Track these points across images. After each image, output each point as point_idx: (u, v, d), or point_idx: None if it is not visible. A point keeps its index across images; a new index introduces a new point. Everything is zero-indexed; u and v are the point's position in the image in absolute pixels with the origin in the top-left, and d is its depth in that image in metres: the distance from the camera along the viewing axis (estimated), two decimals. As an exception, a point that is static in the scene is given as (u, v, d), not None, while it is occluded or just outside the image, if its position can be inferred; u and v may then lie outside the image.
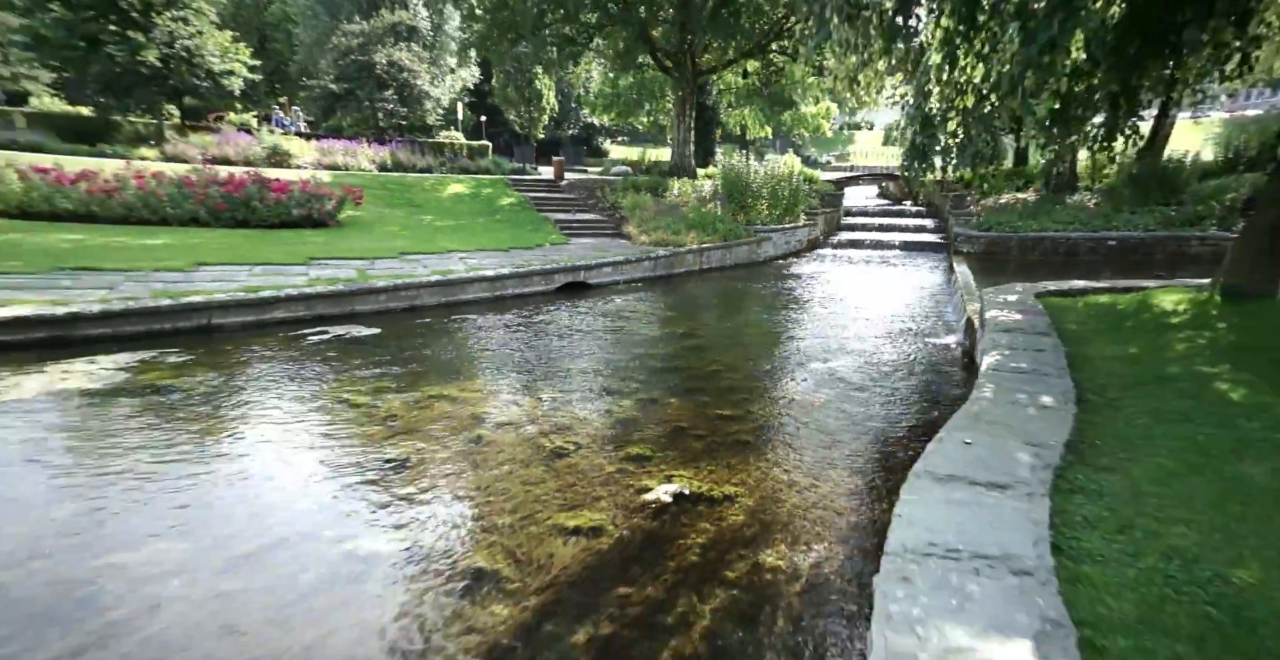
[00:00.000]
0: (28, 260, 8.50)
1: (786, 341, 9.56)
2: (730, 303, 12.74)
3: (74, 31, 16.91)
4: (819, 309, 11.74)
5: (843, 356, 8.32)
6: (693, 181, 21.22)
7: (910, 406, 6.35)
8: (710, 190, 20.48)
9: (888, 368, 7.70)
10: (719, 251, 16.21)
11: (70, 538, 3.75)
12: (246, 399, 5.97)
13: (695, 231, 16.46)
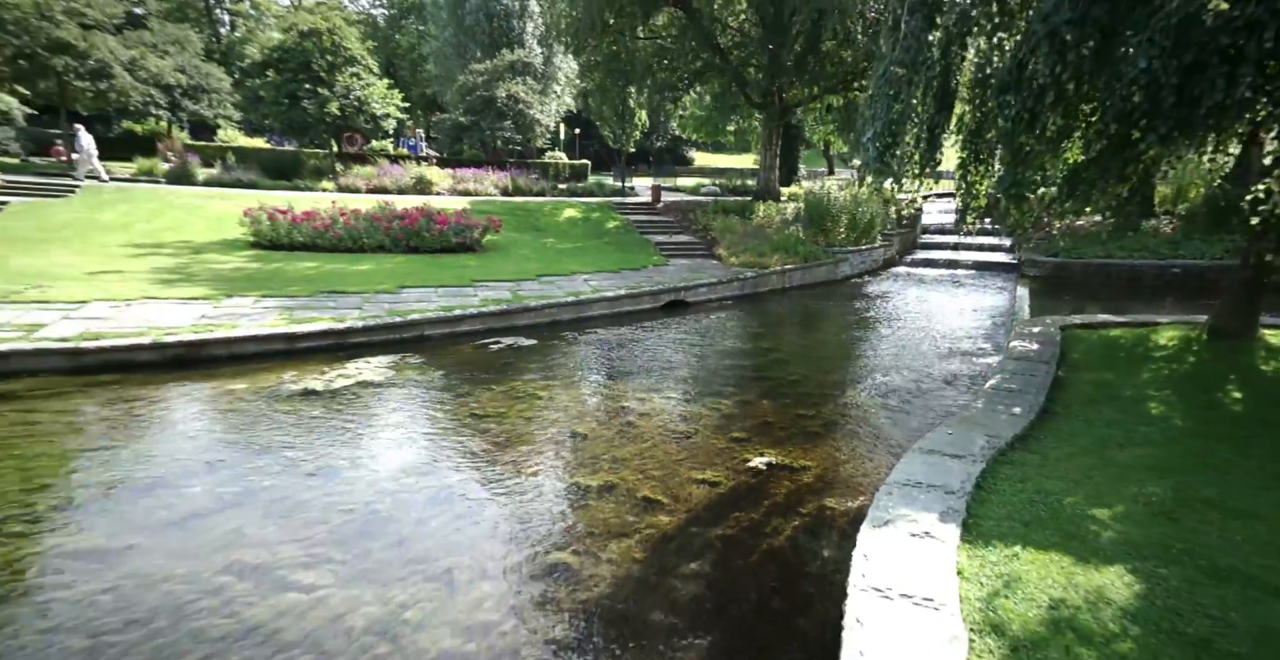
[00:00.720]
0: (300, 286, 11.83)
1: (853, 357, 11.62)
2: (808, 321, 14.79)
3: (281, 91, 21.06)
4: (884, 328, 13.61)
5: (899, 371, 10.30)
6: (777, 204, 23.18)
7: (940, 413, 8.33)
8: (793, 213, 22.40)
9: (932, 383, 9.64)
10: (800, 272, 18.21)
11: (414, 474, 6.51)
12: (466, 390, 8.76)
13: (779, 254, 18.52)
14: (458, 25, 32.00)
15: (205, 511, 5.35)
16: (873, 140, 6.56)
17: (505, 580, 4.70)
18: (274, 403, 7.72)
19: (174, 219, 15.98)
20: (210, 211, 16.93)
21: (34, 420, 6.84)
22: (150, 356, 8.49)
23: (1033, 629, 3.08)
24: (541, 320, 12.46)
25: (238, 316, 9.82)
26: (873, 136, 6.57)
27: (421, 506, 5.66)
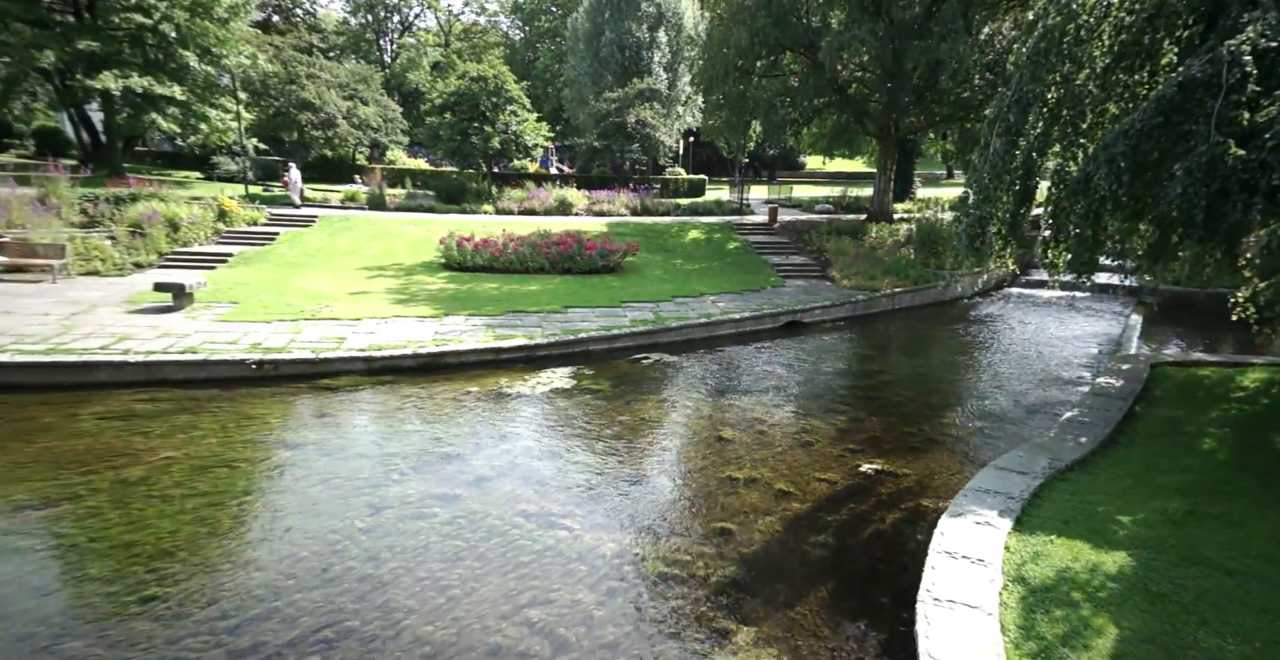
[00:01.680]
0: (492, 306, 14.93)
1: (955, 381, 13.04)
2: (915, 343, 16.13)
3: (455, 129, 24.94)
4: (987, 353, 14.76)
5: (995, 397, 11.68)
6: (890, 225, 24.18)
7: (1022, 438, 9.74)
8: (905, 234, 23.35)
9: (1023, 410, 10.97)
10: (910, 294, 19.37)
11: (612, 462, 9.00)
12: (632, 398, 11.22)
13: (889, 277, 19.76)
14: (594, 57, 35.16)
15: (488, 477, 8.08)
16: (964, 231, 8.19)
17: (689, 536, 7.00)
18: (500, 402, 10.56)
19: (385, 244, 19.91)
20: (409, 236, 20.80)
21: (358, 406, 10.04)
22: (410, 363, 11.67)
23: (1045, 580, 4.93)
24: (679, 338, 14.79)
25: (459, 333, 12.92)
26: (965, 228, 8.20)
27: (624, 484, 8.11)
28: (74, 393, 9.49)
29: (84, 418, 8.71)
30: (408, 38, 55.89)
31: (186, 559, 6.01)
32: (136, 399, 9.51)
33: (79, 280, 14.56)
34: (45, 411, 8.84)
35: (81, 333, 10.87)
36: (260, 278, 15.84)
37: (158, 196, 19.20)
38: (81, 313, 11.98)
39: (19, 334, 10.51)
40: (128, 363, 9.92)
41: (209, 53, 26.58)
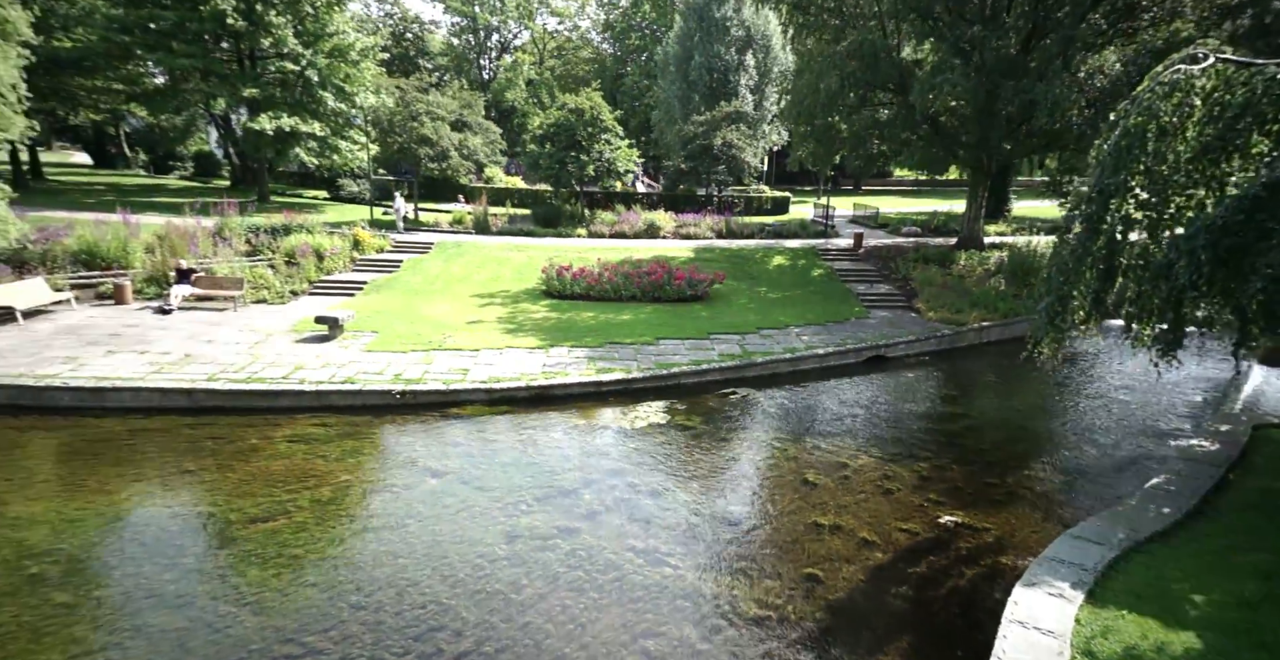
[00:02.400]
0: (591, 337, 16.21)
1: (1042, 427, 13.08)
2: (1002, 382, 16.07)
3: (553, 158, 26.64)
4: (1079, 397, 14.57)
5: (1084, 448, 11.72)
6: (980, 253, 23.72)
7: (1107, 499, 9.84)
8: (995, 263, 22.86)
9: (1111, 466, 11.00)
10: (998, 328, 19.12)
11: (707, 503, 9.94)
12: (724, 437, 12.09)
13: (977, 310, 19.55)
14: (683, 80, 36.14)
15: (599, 512, 9.22)
16: (1045, 309, 8.49)
17: (780, 580, 7.84)
18: (604, 437, 11.73)
19: (493, 271, 21.73)
20: (513, 262, 22.56)
21: (485, 436, 11.48)
22: (524, 394, 13.07)
23: (1112, 655, 5.45)
24: (765, 372, 15.51)
25: (564, 365, 14.24)
26: (1045, 307, 8.49)
27: (720, 525, 9.03)
28: (265, 415, 11.45)
29: (279, 440, 10.58)
30: (505, 58, 58.94)
31: (373, 574, 7.46)
32: (312, 423, 11.36)
33: (252, 308, 17.04)
34: (249, 433, 10.78)
35: (265, 361, 12.96)
36: (391, 305, 17.86)
37: (306, 228, 21.86)
38: (261, 343, 14.18)
39: (224, 363, 12.69)
40: (304, 391, 11.83)
41: (343, 92, 29.67)
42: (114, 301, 16.31)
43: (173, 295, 16.14)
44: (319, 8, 28.45)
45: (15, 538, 7.59)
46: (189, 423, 11.04)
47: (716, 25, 34.65)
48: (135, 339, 13.80)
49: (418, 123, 25.54)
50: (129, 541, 7.70)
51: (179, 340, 13.95)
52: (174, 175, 47.47)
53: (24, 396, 11.01)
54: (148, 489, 8.98)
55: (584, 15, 65.98)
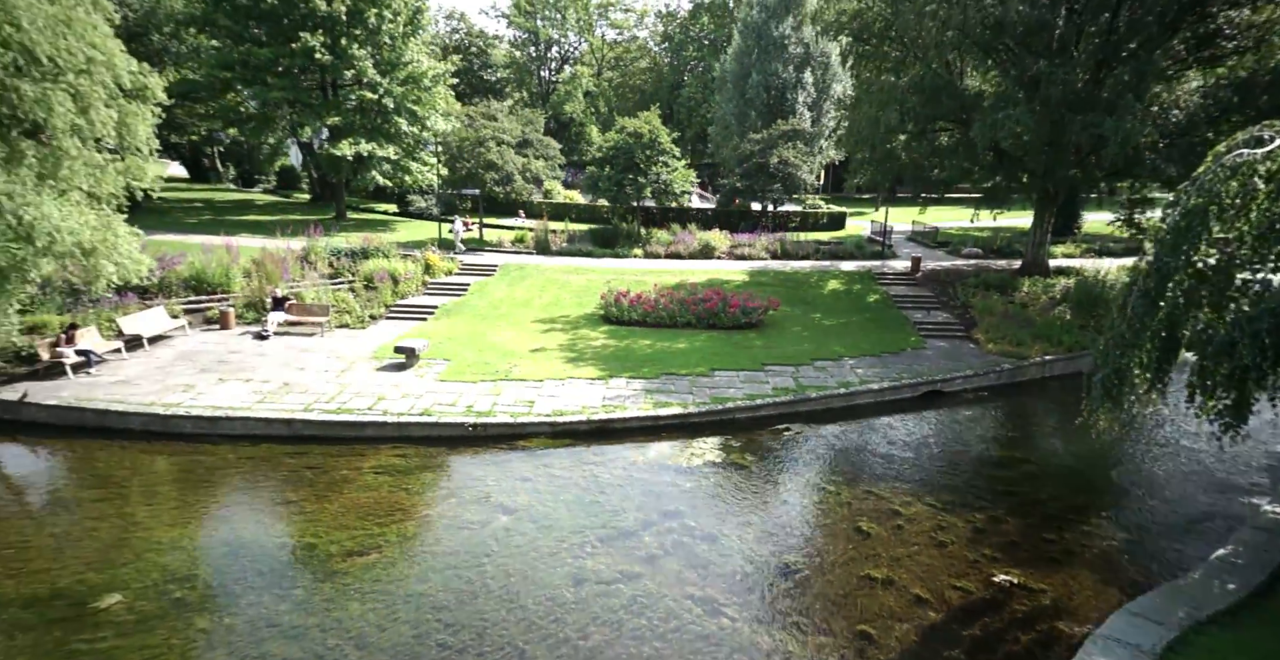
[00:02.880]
0: (649, 367, 16.72)
1: (1105, 476, 12.78)
2: (1065, 424, 15.62)
3: (611, 180, 27.32)
4: (1147, 443, 14.10)
5: (1150, 503, 11.45)
6: (1044, 280, 22.97)
7: (1174, 564, 9.63)
8: (1061, 291, 22.12)
9: (1181, 524, 10.72)
10: (1062, 362, 18.58)
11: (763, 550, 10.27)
12: (777, 478, 12.37)
13: (1040, 343, 19.04)
14: (740, 97, 36.22)
15: (658, 556, 9.70)
16: (1101, 381, 8.42)
17: (833, 637, 8.13)
18: (662, 475, 12.20)
19: (553, 295, 22.54)
20: (573, 286, 23.32)
21: (551, 471, 12.14)
22: (585, 428, 13.69)
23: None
24: (819, 407, 15.64)
25: (623, 398, 14.78)
26: (1101, 379, 8.43)
27: (774, 575, 9.37)
28: (353, 445, 12.46)
29: (366, 472, 11.53)
30: (565, 71, 60.18)
31: (456, 614, 8.17)
32: (394, 454, 12.29)
33: (337, 333, 18.34)
34: (340, 463, 11.79)
35: (352, 391, 14.04)
36: (460, 331, 18.85)
37: (382, 251, 23.24)
38: (346, 370, 15.32)
39: (316, 393, 13.85)
40: (386, 422, 12.79)
41: (415, 117, 31.20)
42: (219, 326, 17.86)
43: (269, 322, 17.55)
44: (396, 38, 30.00)
45: (161, 563, 8.67)
46: (289, 451, 12.14)
47: (774, 43, 34.57)
48: (239, 366, 15.15)
49: (484, 148, 26.70)
50: (249, 571, 8.67)
51: (276, 367, 15.23)
52: (259, 188, 50.72)
53: (154, 423, 12.36)
54: (260, 518, 10.01)
55: (643, 26, 66.65)
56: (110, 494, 10.36)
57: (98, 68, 12.63)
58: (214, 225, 29.43)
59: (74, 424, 12.43)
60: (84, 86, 12.37)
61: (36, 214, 11.23)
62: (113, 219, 13.51)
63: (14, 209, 11.20)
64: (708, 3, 57.08)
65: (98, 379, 13.77)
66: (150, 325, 16.14)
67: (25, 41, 11.34)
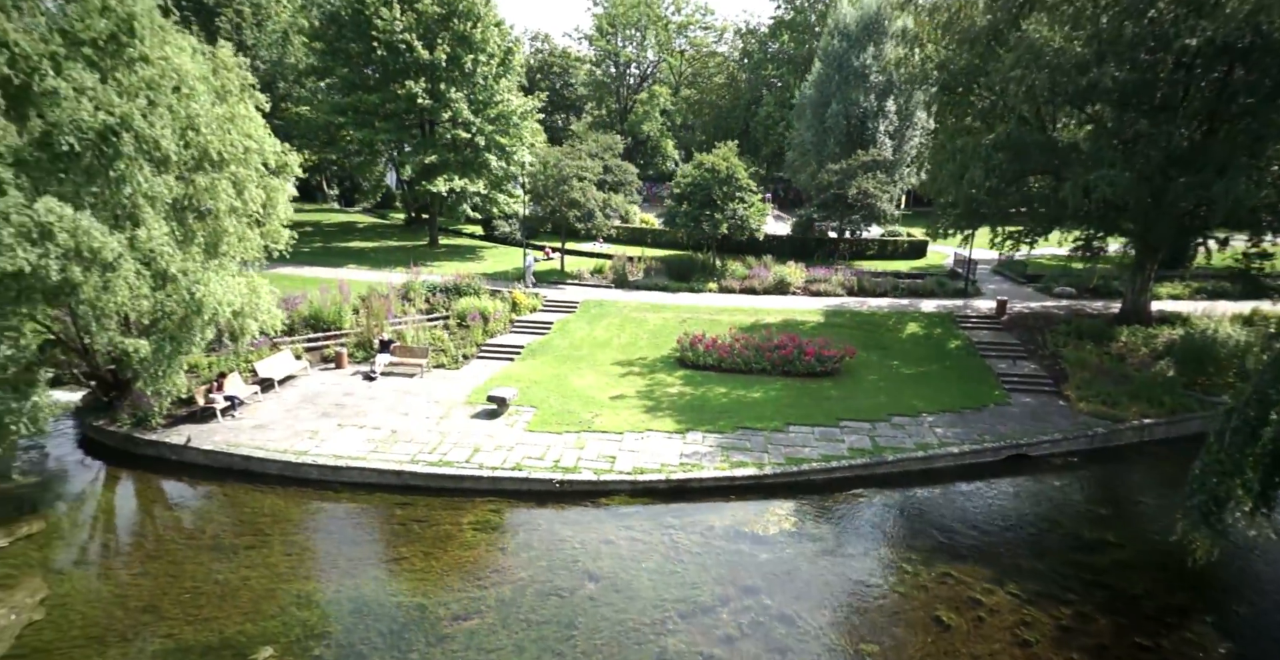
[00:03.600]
0: (724, 419, 17.03)
1: (1212, 570, 11.97)
2: (1162, 500, 14.73)
3: (689, 216, 27.78)
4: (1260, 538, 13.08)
5: (1261, 602, 10.74)
6: (1145, 330, 21.52)
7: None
8: (1164, 344, 20.65)
9: (1293, 643, 10.03)
10: (1164, 426, 17.42)
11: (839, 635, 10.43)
12: (853, 552, 12.41)
13: (1139, 403, 17.90)
14: (819, 125, 35.77)
15: (737, 638, 10.06)
16: (1198, 507, 8.08)
17: (908, 742, 8.27)
18: (738, 543, 12.52)
19: (631, 334, 23.22)
20: (649, 325, 23.92)
21: (632, 534, 12.73)
22: (663, 486, 14.21)
23: None
24: (895, 471, 15.48)
25: (700, 455, 15.19)
26: (1198, 504, 8.08)
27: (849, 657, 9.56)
28: (454, 497, 13.53)
29: (466, 528, 12.52)
30: (643, 92, 61.04)
31: (550, 686, 8.87)
32: (490, 508, 13.25)
33: (434, 374, 19.73)
34: (443, 517, 12.85)
35: (451, 441, 15.18)
36: (544, 374, 19.81)
37: (473, 288, 24.71)
38: (445, 417, 16.54)
39: (420, 442, 15.08)
40: (481, 476, 13.81)
41: (504, 151, 32.79)
42: (335, 365, 19.63)
43: (377, 363, 19.13)
44: (488, 79, 31.63)
45: (301, 618, 9.88)
46: (399, 502, 13.33)
47: (855, 73, 33.90)
48: (354, 410, 16.67)
49: (567, 186, 27.77)
50: (372, 631, 9.72)
51: (384, 412, 16.64)
52: (359, 208, 54.42)
53: (287, 470, 13.91)
54: (377, 574, 11.13)
55: (722, 41, 66.58)
56: (257, 541, 11.79)
57: (252, 155, 14.29)
58: (324, 255, 32.05)
59: (224, 466, 14.15)
60: (241, 173, 14.04)
61: (204, 291, 12.89)
62: (258, 283, 15.22)
63: (188, 285, 12.91)
64: (788, 19, 56.37)
65: (240, 422, 15.55)
66: (279, 368, 17.98)
67: (202, 142, 13.02)
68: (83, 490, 13.76)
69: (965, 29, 18.74)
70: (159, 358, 12.82)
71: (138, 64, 12.27)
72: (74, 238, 10.97)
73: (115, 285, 11.73)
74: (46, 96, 11.08)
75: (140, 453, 14.60)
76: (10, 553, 10.95)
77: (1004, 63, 16.32)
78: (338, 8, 30.05)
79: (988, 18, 17.99)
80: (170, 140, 12.32)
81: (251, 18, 34.48)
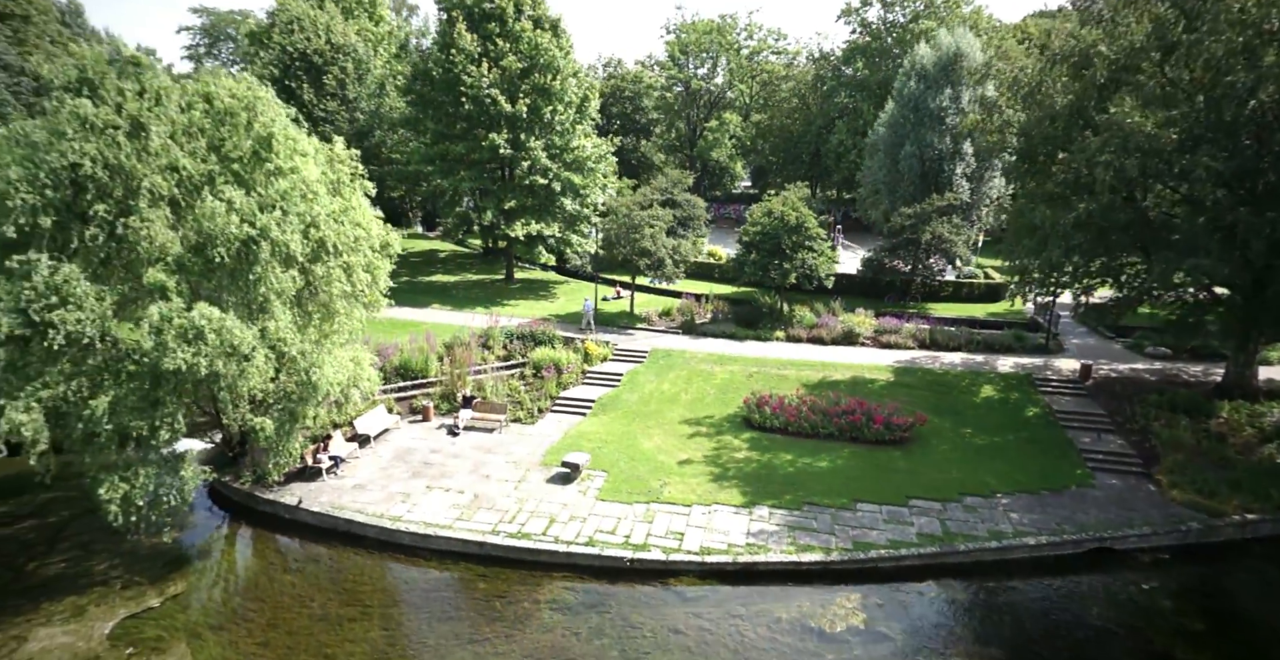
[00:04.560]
0: (790, 493, 17.09)
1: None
2: (1269, 612, 13.69)
3: (757, 265, 27.89)
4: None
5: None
6: (1250, 406, 19.95)
7: None
8: (1273, 425, 19.09)
9: None
10: (1270, 523, 16.12)
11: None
12: (922, 655, 12.30)
13: (1242, 494, 16.63)
14: (892, 165, 35.01)
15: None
16: None
17: None
18: (805, 641, 12.63)
19: (698, 389, 23.56)
20: (716, 380, 24.19)
21: (701, 622, 13.08)
22: (731, 568, 14.49)
23: None
24: (967, 560, 15.11)
25: (767, 534, 15.36)
26: None
27: None
28: (531, 570, 14.32)
29: (543, 605, 13.26)
30: (713, 121, 61.27)
31: None
32: (564, 585, 13.95)
33: (511, 428, 20.78)
34: (521, 591, 13.65)
35: (528, 509, 16.05)
36: (614, 432, 20.44)
37: (548, 336, 25.80)
38: (522, 481, 17.46)
39: (500, 509, 16.03)
40: (556, 551, 14.56)
41: (579, 194, 33.93)
42: (422, 418, 21.03)
43: (460, 418, 20.35)
44: (565, 125, 32.82)
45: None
46: (481, 573, 14.25)
47: (931, 114, 32.98)
48: (440, 470, 17.86)
49: (638, 234, 28.46)
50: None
51: (467, 474, 17.74)
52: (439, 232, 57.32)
53: (383, 535, 15.18)
54: (462, 656, 11.97)
55: (794, 65, 65.87)
56: (359, 614, 12.92)
57: (361, 242, 15.65)
58: (410, 292, 34.03)
59: (330, 527, 15.54)
60: (352, 260, 15.40)
61: (319, 374, 14.28)
62: (361, 356, 16.63)
63: (305, 367, 14.32)
64: (863, 44, 55.20)
65: (342, 481, 17.00)
66: (375, 424, 19.46)
67: (320, 236, 14.42)
68: (214, 546, 15.44)
69: (1046, 105, 18.12)
70: (280, 434, 14.27)
71: (274, 176, 13.75)
72: (220, 337, 12.45)
73: (249, 372, 13.19)
74: (204, 213, 12.61)
75: (259, 509, 16.22)
76: (162, 613, 12.53)
77: (1090, 144, 15.66)
78: (428, 67, 31.99)
79: (1069, 97, 17.30)
80: (298, 243, 13.72)
81: (354, 72, 37.09)
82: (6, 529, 15.32)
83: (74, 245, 12.19)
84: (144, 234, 12.37)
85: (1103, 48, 16.07)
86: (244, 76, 14.60)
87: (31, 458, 11.62)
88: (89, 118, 11.99)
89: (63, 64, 13.38)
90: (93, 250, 12.22)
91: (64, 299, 11.62)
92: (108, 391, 12.07)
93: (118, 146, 12.11)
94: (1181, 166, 14.36)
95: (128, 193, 12.39)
